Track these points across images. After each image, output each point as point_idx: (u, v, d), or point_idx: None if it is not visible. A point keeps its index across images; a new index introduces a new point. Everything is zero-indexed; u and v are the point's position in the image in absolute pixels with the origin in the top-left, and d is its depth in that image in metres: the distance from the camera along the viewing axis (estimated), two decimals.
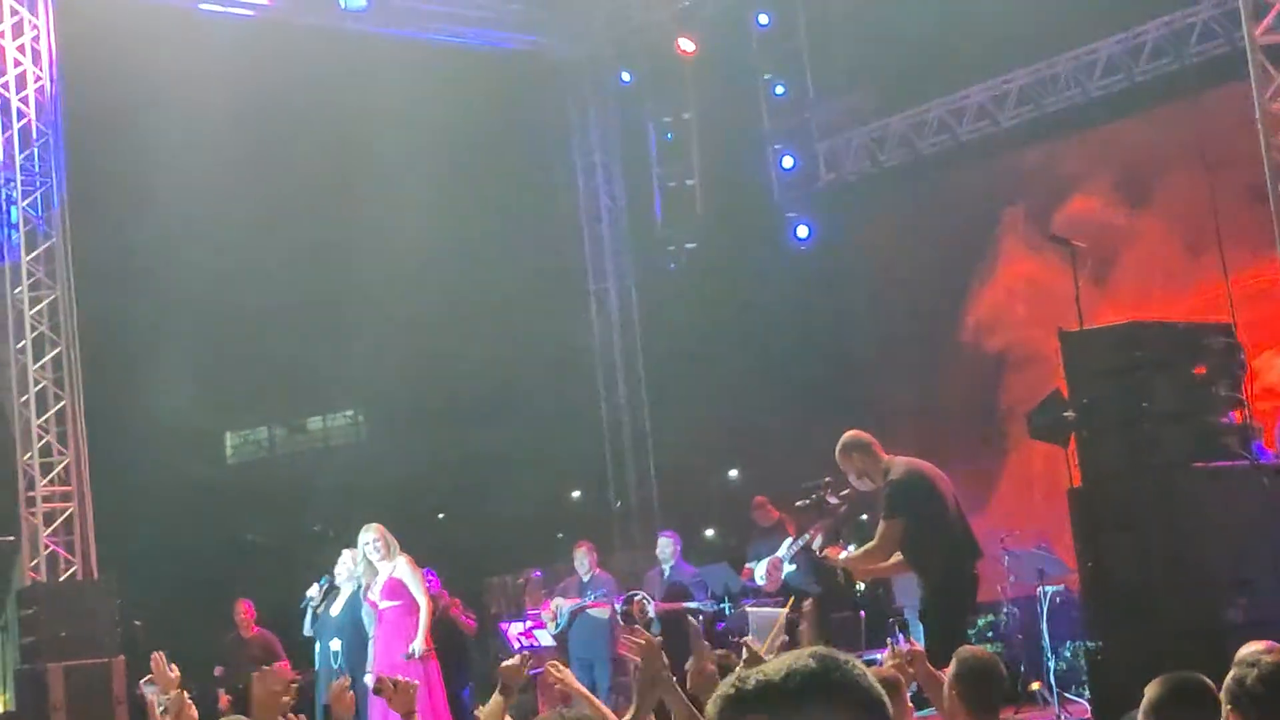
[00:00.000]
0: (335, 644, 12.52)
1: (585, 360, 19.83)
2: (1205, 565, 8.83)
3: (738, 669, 2.13)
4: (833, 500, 10.30)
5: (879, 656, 13.07)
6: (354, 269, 19.76)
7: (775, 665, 2.00)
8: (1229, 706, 4.57)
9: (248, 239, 18.32)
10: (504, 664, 6.45)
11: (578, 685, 6.26)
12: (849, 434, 9.75)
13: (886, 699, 2.02)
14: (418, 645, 11.79)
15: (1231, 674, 4.85)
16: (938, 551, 9.44)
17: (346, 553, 12.70)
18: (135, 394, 18.81)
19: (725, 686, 2.02)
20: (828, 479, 9.93)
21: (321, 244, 19.62)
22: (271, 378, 21.99)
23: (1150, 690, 4.64)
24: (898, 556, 9.65)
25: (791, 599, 12.02)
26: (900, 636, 7.68)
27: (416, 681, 7.24)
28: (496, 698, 6.31)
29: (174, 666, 7.77)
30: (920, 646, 6.89)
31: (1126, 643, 8.83)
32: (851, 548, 10.00)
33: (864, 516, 13.85)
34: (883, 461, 9.61)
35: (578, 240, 19.92)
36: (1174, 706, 4.59)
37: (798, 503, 10.06)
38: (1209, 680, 4.76)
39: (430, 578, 14.58)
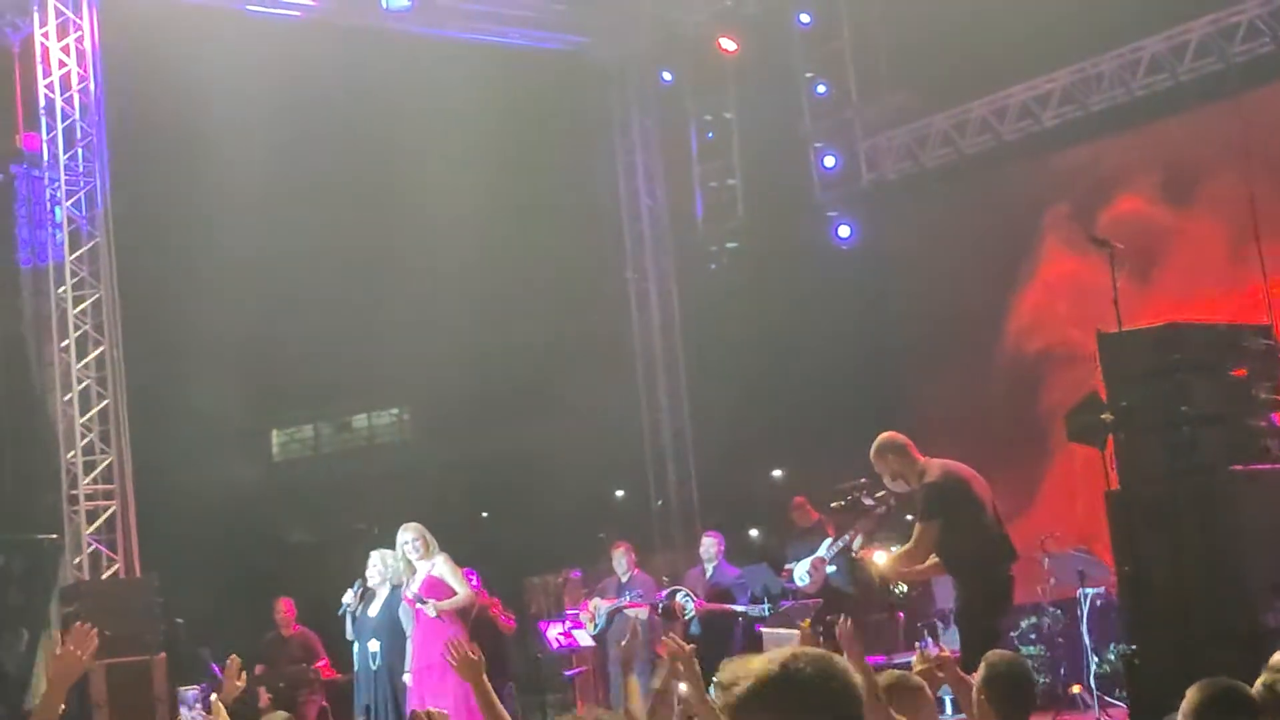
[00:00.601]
0: (373, 645, 12.57)
1: (627, 360, 19.81)
2: (1243, 569, 8.75)
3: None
4: (869, 501, 10.25)
5: (913, 660, 13.09)
6: (399, 268, 19.82)
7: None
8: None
9: (292, 238, 18.38)
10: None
11: (695, 673, 6.01)
12: (883, 436, 9.70)
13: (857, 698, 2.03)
14: (433, 606, 11.77)
15: (1262, 679, 4.81)
16: (972, 554, 9.37)
17: (375, 555, 12.73)
18: (180, 393, 18.92)
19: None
20: (863, 480, 9.87)
21: (366, 243, 19.68)
22: (317, 376, 22.11)
23: (1190, 695, 4.59)
24: (934, 559, 9.59)
25: (807, 621, 11.96)
26: (929, 641, 7.65)
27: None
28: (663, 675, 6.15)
29: (244, 677, 7.82)
30: (948, 652, 6.84)
31: (1163, 646, 8.75)
32: (894, 549, 9.94)
33: (909, 517, 13.79)
34: (918, 464, 9.55)
35: (619, 239, 19.90)
36: (1213, 713, 4.53)
37: (833, 504, 10.00)
38: (1248, 687, 4.71)
39: (471, 577, 14.62)
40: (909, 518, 10.76)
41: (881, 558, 10.12)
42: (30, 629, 18.84)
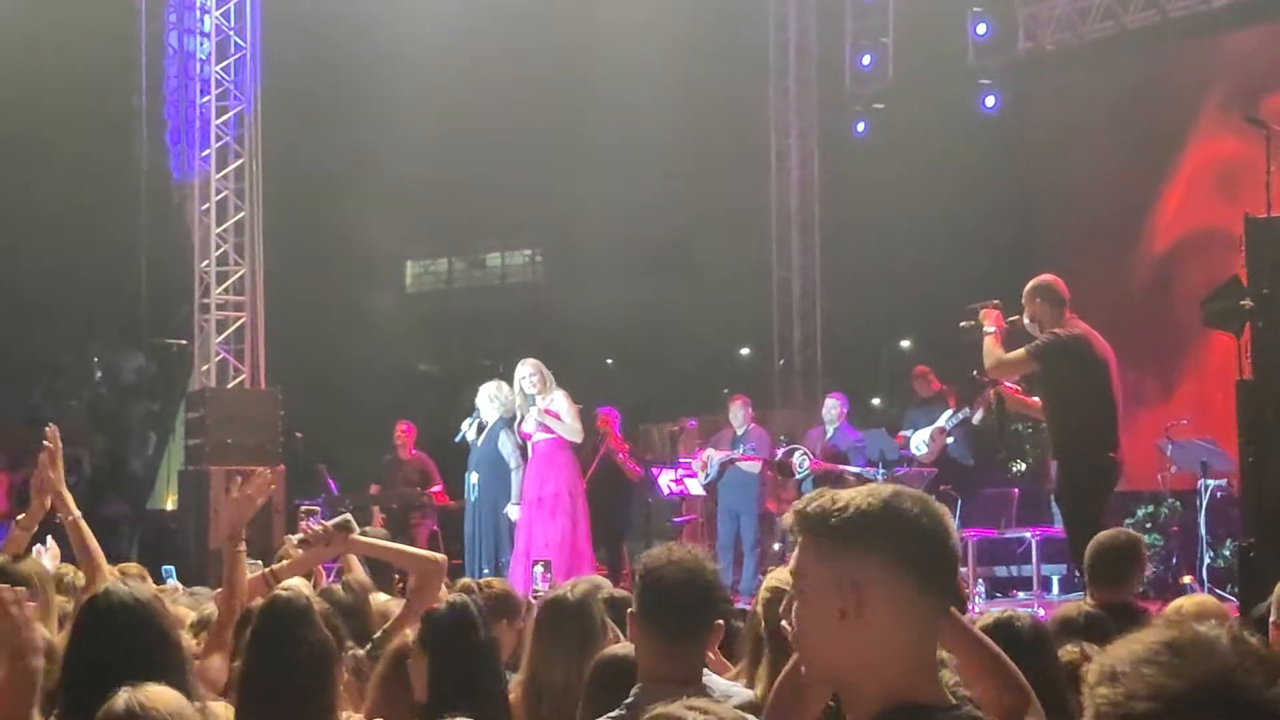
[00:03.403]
0: (473, 477, 12.62)
1: (763, 217, 19.62)
2: None
3: None
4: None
5: (1027, 535, 12.98)
6: (544, 113, 19.84)
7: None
8: None
9: (449, 75, 18.37)
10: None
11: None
12: (1046, 277, 9.31)
13: None
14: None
15: None
16: (1076, 429, 9.07)
17: (485, 387, 12.71)
18: (316, 213, 19.12)
19: None
20: (996, 300, 9.49)
21: (515, 88, 19.68)
22: (456, 211, 22.22)
23: None
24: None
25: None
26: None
27: None
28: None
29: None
30: None
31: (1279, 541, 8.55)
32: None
33: (1015, 427, 13.53)
34: (1064, 318, 9.24)
35: (764, 94, 19.59)
36: None
37: (962, 323, 9.62)
38: None
39: (613, 419, 14.70)
40: (1015, 428, 10.45)
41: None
42: (158, 433, 19.36)
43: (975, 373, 9.99)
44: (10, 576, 4.64)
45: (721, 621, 4.00)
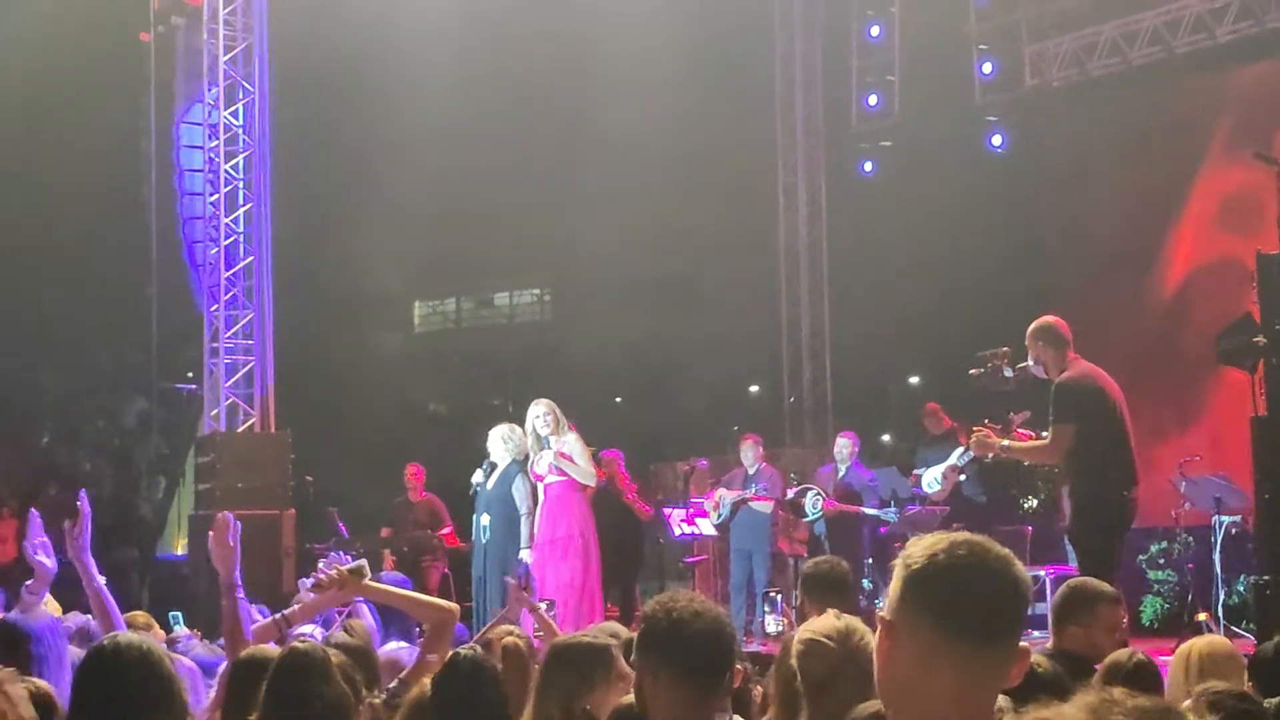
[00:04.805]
0: (485, 519, 12.51)
1: (770, 255, 19.64)
2: None
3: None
4: (1008, 373, 9.78)
5: (1041, 573, 12.91)
6: (550, 152, 19.88)
7: None
8: None
9: (454, 113, 18.42)
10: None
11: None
12: (1048, 319, 9.17)
13: None
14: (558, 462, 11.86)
15: None
16: (1089, 466, 8.96)
17: (495, 431, 12.63)
18: (326, 255, 19.15)
19: None
20: (1005, 348, 9.44)
21: (522, 127, 19.74)
22: (463, 251, 22.27)
23: None
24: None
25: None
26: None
27: None
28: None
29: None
30: None
31: None
32: (1005, 443, 9.52)
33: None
34: (1066, 359, 9.15)
35: (771, 131, 19.63)
36: None
37: (972, 370, 9.58)
38: None
39: (618, 460, 14.63)
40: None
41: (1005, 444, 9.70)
42: (168, 477, 19.36)
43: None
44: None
45: (740, 667, 3.99)
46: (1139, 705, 2.01)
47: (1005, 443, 9.19)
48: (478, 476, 12.68)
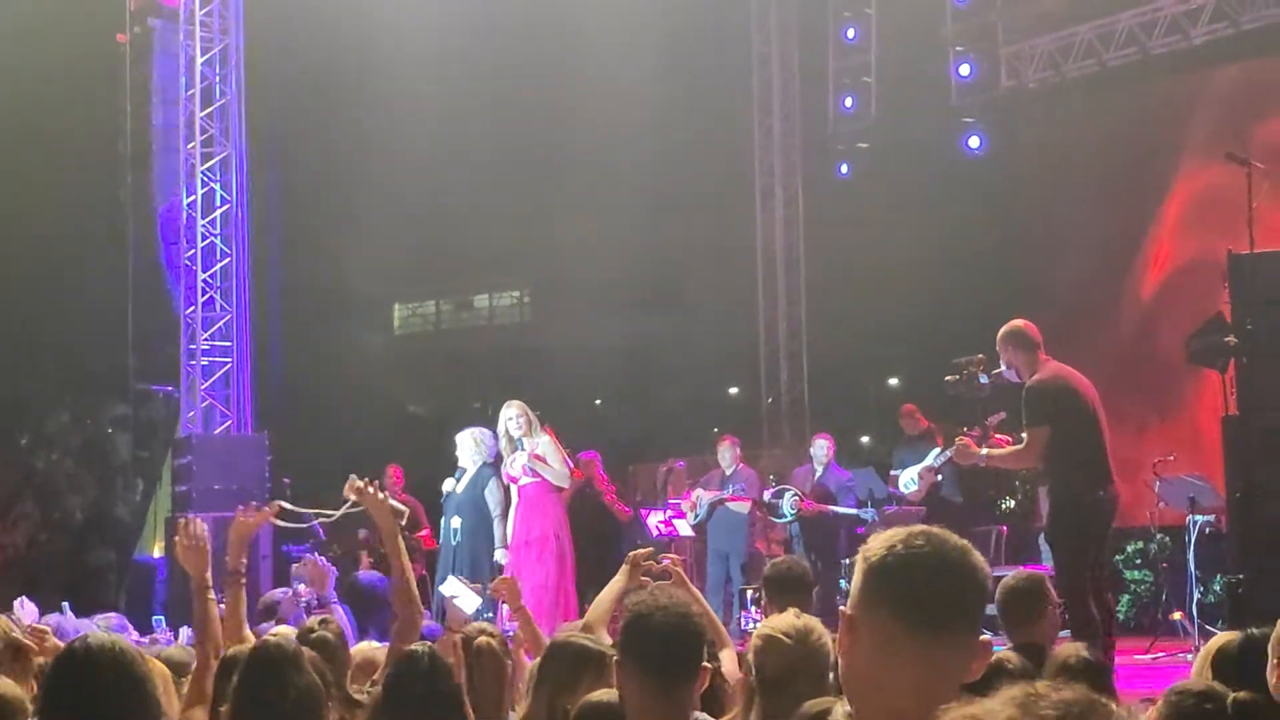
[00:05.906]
0: (455, 521, 12.49)
1: (748, 257, 19.67)
2: None
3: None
4: (984, 380, 9.79)
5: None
6: (530, 154, 19.87)
7: None
8: None
9: (433, 116, 18.40)
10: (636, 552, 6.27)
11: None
12: (1016, 323, 9.12)
13: None
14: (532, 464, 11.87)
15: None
16: (1065, 468, 8.96)
17: (462, 435, 12.61)
18: (304, 257, 19.11)
19: None
20: (980, 356, 9.46)
21: (499, 127, 19.71)
22: (443, 253, 22.25)
23: None
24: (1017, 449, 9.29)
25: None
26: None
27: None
28: (618, 580, 6.15)
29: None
30: None
31: (1270, 576, 8.57)
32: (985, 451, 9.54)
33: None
34: (1037, 362, 9.13)
35: (749, 133, 19.67)
36: None
37: (947, 377, 9.60)
38: None
39: (595, 461, 14.64)
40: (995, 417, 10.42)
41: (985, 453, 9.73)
42: (146, 479, 19.29)
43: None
44: None
45: (709, 665, 3.98)
46: (1064, 699, 2.01)
47: (985, 452, 9.21)
48: (448, 485, 12.66)
